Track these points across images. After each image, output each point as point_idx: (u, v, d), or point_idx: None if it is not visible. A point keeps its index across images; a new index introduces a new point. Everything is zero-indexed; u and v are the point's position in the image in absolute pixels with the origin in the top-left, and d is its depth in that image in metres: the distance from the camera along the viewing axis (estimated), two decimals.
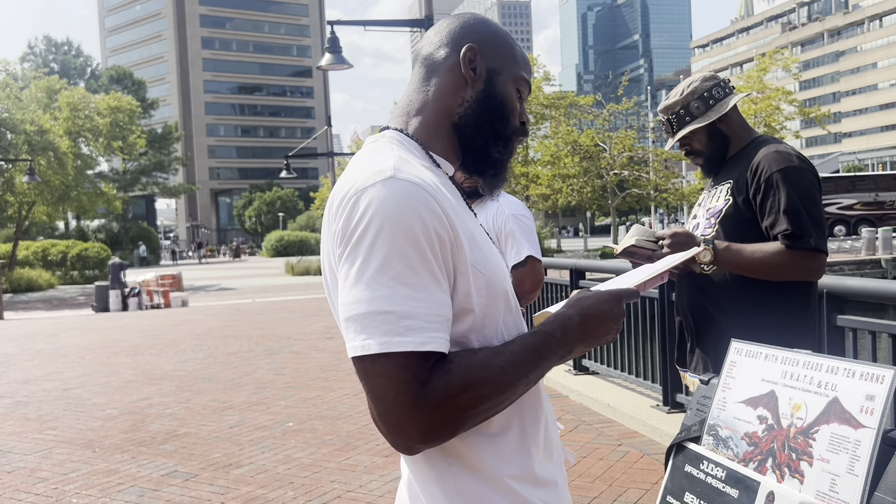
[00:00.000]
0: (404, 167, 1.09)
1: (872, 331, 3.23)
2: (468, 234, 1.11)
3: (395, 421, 1.01)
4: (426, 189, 1.07)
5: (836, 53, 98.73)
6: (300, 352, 9.36)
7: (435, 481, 1.13)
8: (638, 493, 3.90)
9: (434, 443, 1.04)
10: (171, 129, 60.82)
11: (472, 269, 1.09)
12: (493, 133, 1.26)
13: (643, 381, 5.58)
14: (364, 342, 1.01)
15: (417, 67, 1.29)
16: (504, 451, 1.14)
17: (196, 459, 4.87)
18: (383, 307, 1.01)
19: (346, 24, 10.98)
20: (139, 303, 20.52)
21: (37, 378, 8.32)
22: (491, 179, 1.30)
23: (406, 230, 1.02)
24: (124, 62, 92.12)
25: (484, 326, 1.12)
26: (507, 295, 1.17)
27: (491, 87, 1.25)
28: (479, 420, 1.06)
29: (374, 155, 1.15)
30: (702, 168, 2.56)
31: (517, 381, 1.07)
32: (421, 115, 1.25)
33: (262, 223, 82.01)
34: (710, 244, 2.29)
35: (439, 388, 1.01)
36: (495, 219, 3.27)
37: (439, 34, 1.28)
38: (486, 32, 1.27)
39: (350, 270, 1.04)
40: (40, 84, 34.99)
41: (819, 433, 1.36)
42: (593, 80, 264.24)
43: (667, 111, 2.48)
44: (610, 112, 37.19)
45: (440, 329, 1.03)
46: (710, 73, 2.50)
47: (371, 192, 1.05)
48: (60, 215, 38.28)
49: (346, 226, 1.06)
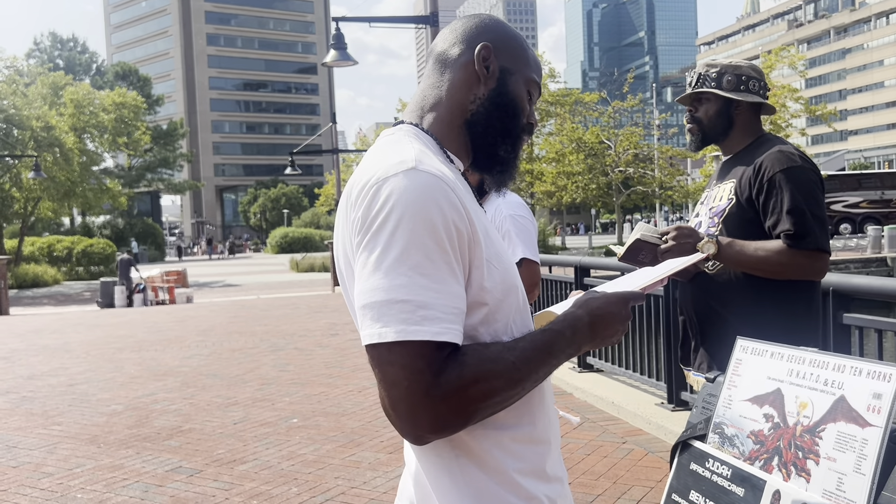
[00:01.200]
0: (425, 159, 1.11)
1: (879, 329, 3.21)
2: (483, 229, 1.13)
3: (406, 409, 1.01)
4: (446, 182, 1.08)
5: (842, 51, 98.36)
6: (304, 348, 9.37)
7: (445, 472, 1.14)
8: (642, 490, 3.89)
9: (444, 433, 1.05)
10: (177, 126, 60.87)
11: (486, 264, 1.11)
12: (503, 131, 1.27)
13: (648, 378, 5.57)
14: (381, 330, 1.02)
15: (431, 64, 1.31)
16: (511, 445, 1.15)
17: (200, 455, 4.88)
18: (401, 296, 1.02)
19: (352, 21, 11.00)
20: (144, 299, 20.58)
21: (42, 373, 8.35)
22: (498, 177, 1.31)
23: (426, 221, 1.03)
24: (130, 58, 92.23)
25: (495, 321, 1.13)
26: (517, 291, 1.19)
27: (503, 85, 1.27)
28: (489, 413, 1.07)
29: (394, 146, 1.16)
30: (691, 139, 2.55)
31: (527, 376, 1.09)
32: (435, 110, 1.26)
33: (266, 220, 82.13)
34: (715, 238, 2.29)
35: (452, 379, 1.02)
36: (493, 219, 3.26)
37: (454, 32, 1.30)
38: (501, 33, 1.29)
39: (369, 258, 1.05)
40: (45, 80, 35.08)
41: (826, 432, 1.35)
42: (598, 77, 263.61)
43: (705, 66, 2.49)
44: (615, 109, 37.16)
45: (455, 321, 1.04)
46: (760, 68, 2.52)
47: (393, 181, 1.06)
48: (66, 211, 38.37)
49: (366, 214, 1.07)
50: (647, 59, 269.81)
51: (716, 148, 2.61)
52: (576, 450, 4.61)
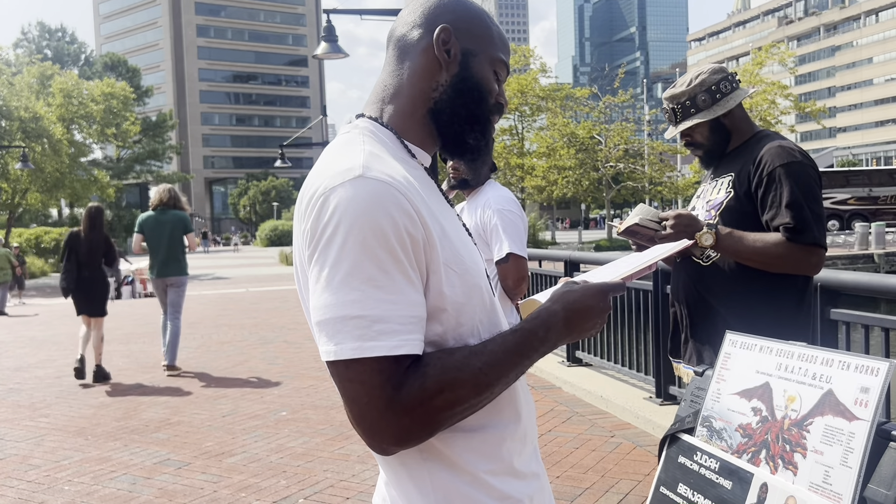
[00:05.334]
0: (374, 164, 1.05)
1: (865, 324, 3.24)
2: (440, 232, 1.08)
3: (369, 424, 0.99)
4: (396, 187, 1.03)
5: (831, 48, 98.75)
6: (294, 341, 9.35)
7: (409, 479, 1.11)
8: (630, 484, 3.91)
9: (409, 445, 1.02)
10: (166, 118, 60.54)
11: (444, 268, 1.06)
12: (470, 118, 1.21)
13: (636, 372, 5.59)
14: (336, 347, 0.99)
15: (391, 49, 1.23)
16: (481, 446, 1.12)
17: (189, 448, 4.86)
18: (354, 311, 0.98)
19: (342, 14, 10.95)
20: (132, 291, 20.48)
21: (29, 365, 8.30)
22: (470, 164, 1.25)
23: (376, 231, 0.99)
24: (119, 49, 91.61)
25: (460, 325, 1.09)
26: (481, 291, 1.14)
27: (466, 69, 1.19)
28: (455, 420, 1.04)
29: (343, 149, 1.11)
30: (700, 160, 2.56)
31: (496, 380, 1.05)
32: (395, 101, 1.20)
33: (256, 212, 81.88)
34: (713, 228, 2.30)
35: (413, 392, 0.99)
36: (482, 213, 3.26)
37: (413, 13, 1.22)
38: (461, 11, 1.21)
39: (321, 273, 1.01)
40: (33, 70, 34.79)
41: (813, 425, 1.36)
42: (590, 73, 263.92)
43: (672, 100, 2.46)
44: (606, 104, 37.22)
45: (414, 331, 1.01)
46: (719, 66, 2.48)
47: (339, 192, 1.01)
48: (54, 202, 38.13)
49: (314, 227, 1.03)
50: (638, 55, 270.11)
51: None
52: (564, 443, 4.63)
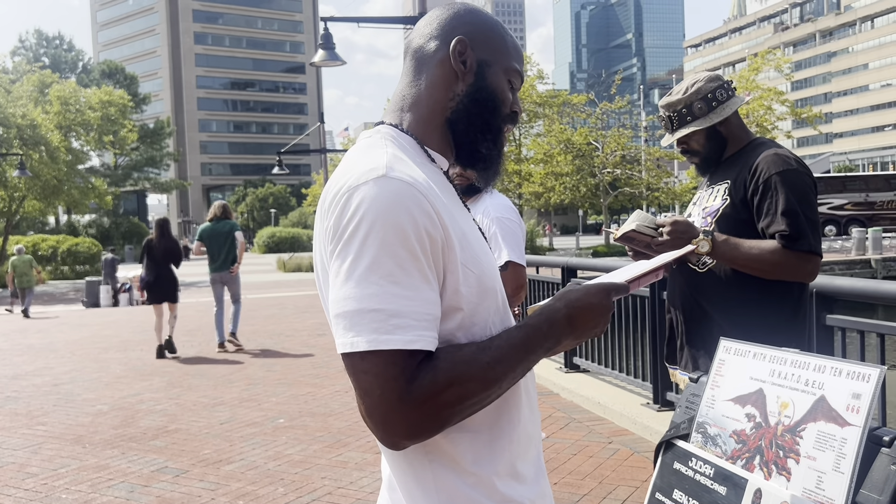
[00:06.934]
0: (397, 165, 1.09)
1: (861, 330, 3.26)
2: (459, 233, 1.11)
3: (381, 417, 1.02)
4: (418, 188, 1.07)
5: (827, 54, 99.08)
6: (291, 348, 9.35)
7: (413, 479, 1.13)
8: (627, 490, 3.92)
9: (420, 438, 1.05)
10: (163, 125, 60.54)
11: (461, 268, 1.10)
12: (484, 127, 1.25)
13: (633, 379, 5.60)
14: (353, 339, 1.02)
15: (409, 60, 1.28)
16: (486, 447, 1.14)
17: (186, 455, 4.86)
18: (372, 305, 1.02)
19: (340, 21, 10.96)
20: (130, 298, 20.45)
21: (27, 373, 8.29)
22: (483, 173, 1.29)
23: (397, 229, 1.03)
24: (116, 57, 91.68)
25: (473, 325, 1.12)
26: (496, 293, 1.17)
27: (482, 80, 1.24)
28: (465, 415, 1.07)
29: (367, 151, 1.15)
30: (697, 167, 2.58)
31: (503, 375, 1.08)
32: (415, 110, 1.24)
33: (254, 219, 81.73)
34: (710, 235, 2.31)
35: (425, 385, 1.01)
36: (481, 220, 3.27)
37: (430, 25, 1.26)
38: (476, 23, 1.25)
39: (341, 267, 1.05)
40: (33, 78, 34.79)
41: (806, 431, 1.37)
42: (586, 79, 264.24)
43: (668, 108, 2.48)
44: (603, 111, 37.27)
45: (428, 327, 1.04)
46: (715, 74, 2.50)
47: (363, 189, 1.05)
48: (51, 210, 38.07)
49: (337, 223, 1.07)
50: (635, 61, 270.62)
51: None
52: (562, 450, 4.63)
